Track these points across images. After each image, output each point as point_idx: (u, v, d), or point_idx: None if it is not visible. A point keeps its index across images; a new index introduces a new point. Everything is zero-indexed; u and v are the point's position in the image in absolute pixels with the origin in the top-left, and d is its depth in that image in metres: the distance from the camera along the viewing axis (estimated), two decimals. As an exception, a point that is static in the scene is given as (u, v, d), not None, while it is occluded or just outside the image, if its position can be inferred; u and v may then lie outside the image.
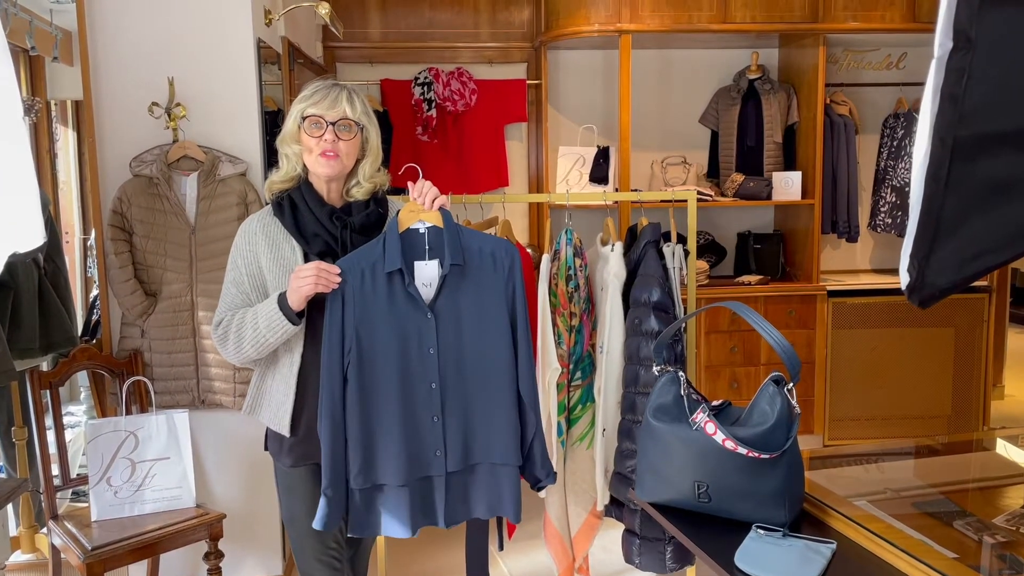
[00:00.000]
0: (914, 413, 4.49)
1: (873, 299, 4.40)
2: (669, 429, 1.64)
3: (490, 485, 1.94)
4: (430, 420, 1.88)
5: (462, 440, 1.90)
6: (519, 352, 1.94)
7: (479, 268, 1.91)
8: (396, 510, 1.89)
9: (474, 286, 1.90)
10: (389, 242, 1.88)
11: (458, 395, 1.90)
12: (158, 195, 2.75)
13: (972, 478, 2.26)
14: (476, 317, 1.90)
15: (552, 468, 2.03)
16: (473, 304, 1.90)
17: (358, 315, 1.86)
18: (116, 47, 2.79)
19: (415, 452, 1.88)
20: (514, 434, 1.93)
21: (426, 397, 1.88)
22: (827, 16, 4.20)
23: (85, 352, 2.72)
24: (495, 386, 1.91)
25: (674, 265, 2.54)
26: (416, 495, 1.90)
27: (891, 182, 4.55)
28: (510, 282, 1.93)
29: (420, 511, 1.91)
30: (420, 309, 1.87)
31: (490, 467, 1.93)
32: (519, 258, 1.96)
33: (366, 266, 1.87)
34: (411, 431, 1.88)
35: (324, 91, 1.91)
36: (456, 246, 1.89)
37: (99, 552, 2.37)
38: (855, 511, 1.62)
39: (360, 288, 1.86)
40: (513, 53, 4.66)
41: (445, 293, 1.89)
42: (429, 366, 1.87)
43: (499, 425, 1.92)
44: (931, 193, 1.19)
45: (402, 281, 1.86)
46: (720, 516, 1.61)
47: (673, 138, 4.76)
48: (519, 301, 1.94)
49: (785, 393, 1.58)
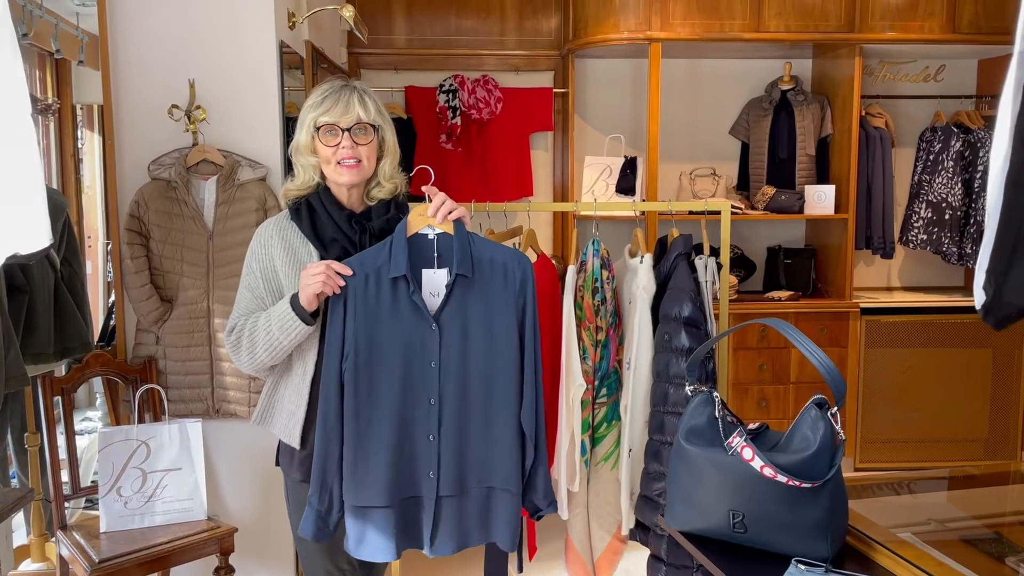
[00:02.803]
0: (949, 436, 4.34)
1: (908, 317, 4.27)
2: (702, 453, 1.54)
3: (486, 511, 1.82)
4: (426, 439, 1.78)
5: (458, 462, 1.79)
6: (525, 374, 1.81)
7: (489, 280, 1.80)
8: (380, 531, 1.77)
9: (483, 299, 1.79)
10: (396, 246, 1.78)
11: (458, 414, 1.78)
12: (176, 199, 2.70)
13: (1018, 510, 2.13)
14: (483, 332, 1.78)
15: (554, 498, 1.91)
16: (481, 318, 1.78)
17: (359, 321, 1.76)
18: (137, 49, 2.75)
19: (405, 471, 1.77)
20: (517, 459, 1.80)
21: (424, 414, 1.77)
22: (864, 26, 4.09)
23: (99, 358, 2.67)
24: (498, 407, 1.79)
25: (706, 279, 2.44)
26: (401, 516, 1.78)
27: (927, 197, 4.41)
28: (521, 297, 1.81)
29: (404, 533, 1.80)
30: (424, 319, 1.77)
31: (487, 492, 1.81)
32: (532, 272, 1.84)
33: (371, 270, 1.78)
34: (404, 449, 1.77)
35: (334, 96, 1.83)
36: (466, 255, 1.78)
37: (106, 565, 2.30)
38: (903, 546, 1.52)
39: (363, 293, 1.77)
40: (540, 61, 4.59)
41: (452, 304, 1.78)
42: (429, 381, 1.77)
43: (500, 449, 1.79)
44: (1011, 201, 1.06)
45: (407, 289, 1.77)
46: (756, 548, 1.51)
47: (702, 149, 4.66)
48: (529, 318, 1.82)
49: (829, 418, 1.48)
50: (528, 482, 1.85)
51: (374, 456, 1.76)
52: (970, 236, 4.38)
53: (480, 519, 1.83)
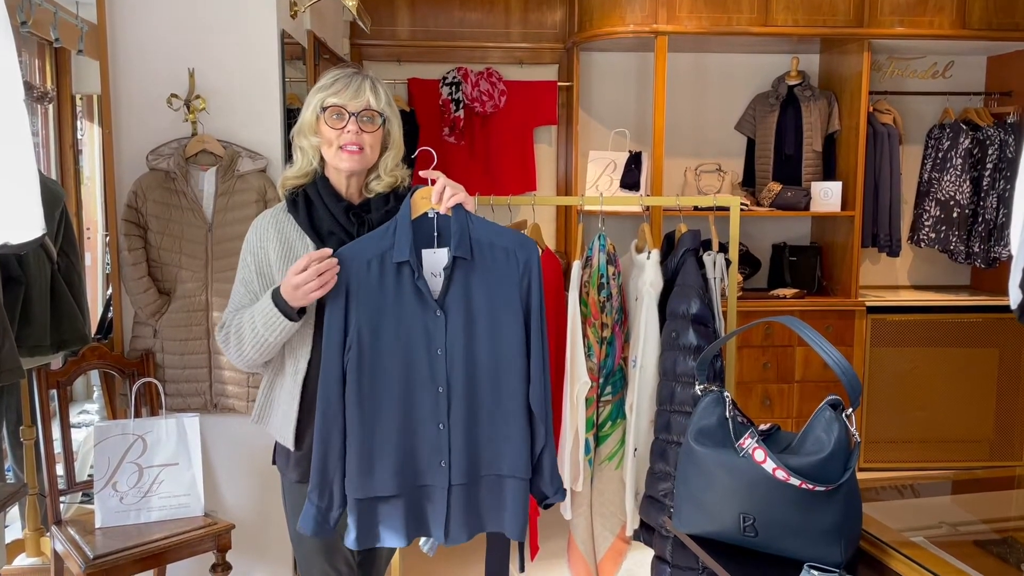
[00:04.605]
0: (954, 437, 4.30)
1: (913, 316, 4.23)
2: (712, 455, 1.50)
3: (495, 499, 1.77)
4: (435, 427, 1.72)
5: (469, 450, 1.74)
6: (532, 358, 1.76)
7: (491, 262, 1.74)
8: (391, 520, 1.73)
9: (486, 282, 1.74)
10: (400, 230, 1.73)
11: (467, 401, 1.73)
12: (175, 190, 2.65)
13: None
14: (488, 316, 1.73)
15: (561, 485, 1.85)
16: (485, 302, 1.73)
17: (361, 309, 1.70)
18: (136, 37, 2.70)
19: (415, 461, 1.72)
20: (525, 445, 1.76)
21: (433, 402, 1.72)
22: (872, 21, 4.03)
23: (95, 351, 2.63)
24: (507, 392, 1.74)
25: (714, 275, 2.39)
26: (411, 505, 1.74)
27: (935, 195, 4.37)
28: (525, 279, 1.76)
29: (416, 521, 1.75)
30: (429, 306, 1.71)
31: (496, 479, 1.76)
32: (537, 254, 1.79)
33: (373, 256, 1.72)
34: (413, 438, 1.72)
35: (346, 79, 1.79)
36: (464, 238, 1.73)
37: (101, 561, 2.26)
38: (916, 551, 1.48)
39: (366, 279, 1.71)
40: (544, 54, 4.55)
41: (455, 289, 1.72)
42: (437, 368, 1.71)
43: (509, 435, 1.75)
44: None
45: (412, 275, 1.71)
46: (767, 552, 1.47)
47: (708, 145, 4.61)
48: (535, 300, 1.77)
49: (844, 420, 1.44)
50: (535, 468, 1.80)
51: (382, 447, 1.71)
52: (978, 235, 4.33)
53: (490, 507, 1.78)
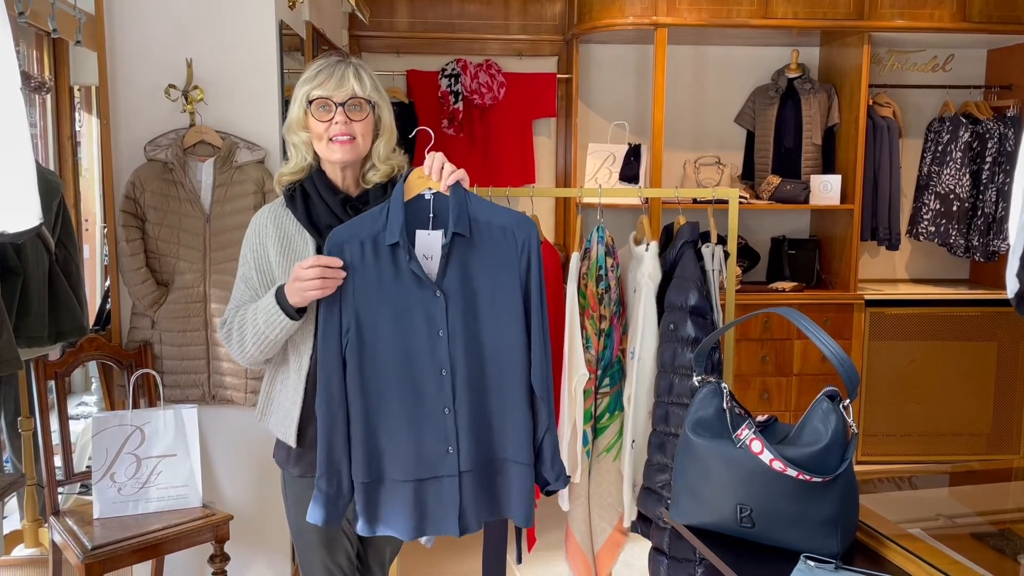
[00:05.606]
0: (952, 430, 4.31)
1: (912, 310, 4.23)
2: (710, 446, 1.50)
3: (502, 484, 1.75)
4: (441, 412, 1.69)
5: (476, 434, 1.71)
6: (532, 338, 1.73)
7: (490, 242, 1.72)
8: (399, 508, 1.71)
9: (484, 262, 1.71)
10: (393, 211, 1.70)
11: (470, 383, 1.70)
12: (172, 181, 2.64)
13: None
14: (488, 297, 1.71)
15: (564, 470, 1.82)
16: (484, 282, 1.71)
17: (357, 292, 1.68)
18: (134, 28, 2.69)
19: (421, 448, 1.69)
20: (527, 429, 1.73)
21: (436, 386, 1.69)
22: (872, 13, 4.02)
23: (93, 342, 2.62)
24: (509, 374, 1.71)
25: (713, 267, 2.39)
26: (420, 498, 1.71)
27: (935, 189, 4.36)
28: (524, 258, 1.73)
29: (423, 516, 1.72)
30: (428, 287, 1.68)
31: (502, 463, 1.74)
32: (536, 233, 1.76)
33: (366, 237, 1.69)
34: (419, 424, 1.69)
35: (328, 69, 1.76)
36: (463, 214, 1.70)
37: (99, 552, 2.26)
38: (914, 542, 1.48)
39: (360, 262, 1.69)
40: (543, 46, 4.53)
41: (452, 269, 1.70)
42: (439, 351, 1.68)
43: (512, 418, 1.72)
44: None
45: (406, 257, 1.69)
46: (764, 543, 1.47)
47: (707, 138, 4.60)
48: (534, 281, 1.74)
49: (841, 411, 1.44)
50: (537, 452, 1.77)
51: (387, 430, 1.69)
52: (977, 228, 4.33)
53: (497, 493, 1.76)
